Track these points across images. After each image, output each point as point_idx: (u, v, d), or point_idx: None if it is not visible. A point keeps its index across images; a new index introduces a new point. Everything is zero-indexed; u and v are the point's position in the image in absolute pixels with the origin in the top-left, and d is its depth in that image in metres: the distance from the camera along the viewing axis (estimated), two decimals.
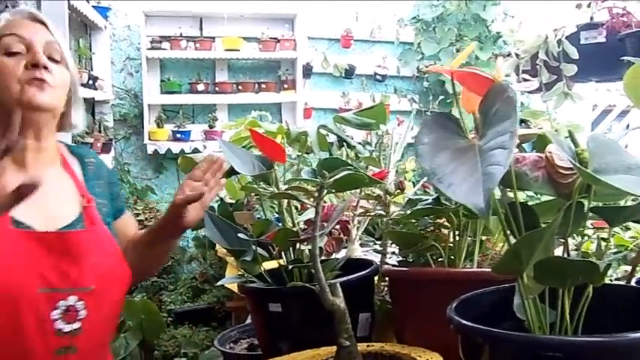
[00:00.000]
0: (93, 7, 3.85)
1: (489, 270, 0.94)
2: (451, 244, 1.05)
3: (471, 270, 0.99)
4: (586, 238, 1.23)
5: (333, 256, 1.14)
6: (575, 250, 1.28)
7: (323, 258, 1.08)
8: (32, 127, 1.13)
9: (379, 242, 1.53)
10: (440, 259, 1.07)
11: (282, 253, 1.07)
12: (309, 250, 1.04)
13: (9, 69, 1.12)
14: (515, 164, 0.77)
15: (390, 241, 1.39)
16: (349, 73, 4.65)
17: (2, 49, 1.13)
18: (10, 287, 1.01)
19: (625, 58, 0.78)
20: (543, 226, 0.75)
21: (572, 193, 0.71)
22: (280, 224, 1.12)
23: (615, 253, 1.40)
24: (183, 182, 1.15)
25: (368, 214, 1.49)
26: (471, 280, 0.92)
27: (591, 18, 1.49)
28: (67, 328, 1.06)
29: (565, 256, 0.79)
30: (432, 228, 1.11)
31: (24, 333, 1.02)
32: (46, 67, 1.12)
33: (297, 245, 1.04)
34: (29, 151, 1.14)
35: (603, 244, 0.84)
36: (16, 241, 1.05)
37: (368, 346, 0.97)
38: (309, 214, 1.12)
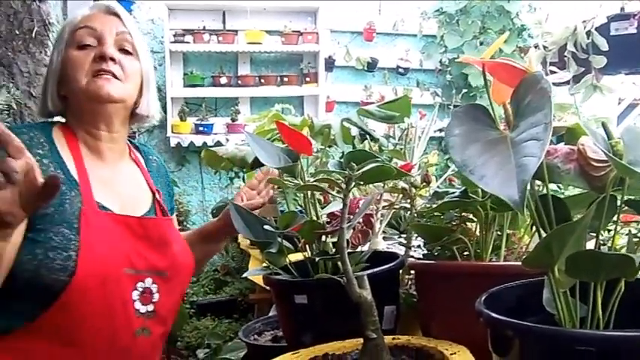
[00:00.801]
0: (117, 1, 3.88)
1: (517, 264, 0.93)
2: (477, 238, 1.05)
3: (498, 263, 0.98)
4: (612, 232, 1.22)
5: (359, 249, 1.14)
6: (603, 244, 1.27)
7: (349, 251, 1.07)
8: (103, 118, 1.17)
9: (403, 235, 1.52)
10: (466, 253, 1.06)
11: (308, 245, 1.07)
12: (334, 242, 1.04)
13: (78, 62, 1.14)
14: (547, 157, 0.76)
15: (414, 235, 1.38)
16: (371, 66, 4.63)
17: (75, 43, 1.16)
18: (102, 264, 1.05)
19: None
20: (574, 219, 0.74)
21: (606, 186, 0.69)
22: (305, 217, 1.12)
23: None
24: (241, 190, 1.36)
25: (392, 207, 1.49)
26: (499, 274, 0.91)
27: (622, 9, 1.46)
28: (143, 309, 1.11)
29: (597, 249, 0.78)
30: (458, 221, 1.11)
31: (112, 311, 1.07)
32: (113, 59, 1.14)
33: (323, 238, 1.04)
34: (103, 141, 1.18)
35: (635, 238, 0.83)
36: (105, 222, 1.09)
37: (394, 338, 0.96)
38: (333, 207, 1.12)
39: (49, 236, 1.04)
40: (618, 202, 0.72)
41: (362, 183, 0.88)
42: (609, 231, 1.08)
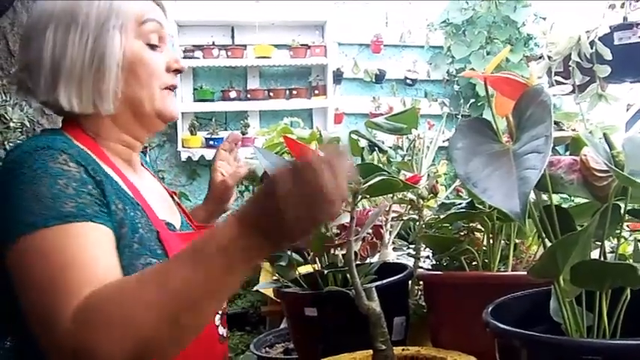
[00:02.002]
0: None
1: (524, 273, 0.94)
2: (485, 248, 1.05)
3: (506, 273, 0.99)
4: (622, 240, 1.22)
5: (368, 260, 1.16)
6: (612, 252, 1.27)
7: (358, 262, 1.09)
8: (153, 132, 1.04)
9: (412, 246, 1.53)
10: (474, 263, 1.07)
11: (317, 258, 1.09)
12: (343, 254, 1.06)
13: (155, 67, 0.97)
14: (550, 167, 0.77)
15: (423, 245, 1.39)
16: (379, 78, 4.66)
17: (143, 38, 0.96)
18: None
19: None
20: (579, 228, 0.75)
21: (609, 196, 0.70)
22: None
23: None
24: (215, 167, 1.31)
25: (401, 218, 1.50)
26: (506, 284, 0.92)
27: (625, 18, 1.47)
28: (224, 332, 1.06)
29: (602, 258, 0.78)
30: (465, 232, 1.12)
31: (203, 344, 0.95)
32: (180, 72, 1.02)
33: (332, 250, 1.05)
34: (135, 152, 1.03)
35: None
36: (178, 243, 0.95)
37: (403, 349, 0.97)
38: (342, 219, 1.14)
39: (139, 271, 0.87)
40: (622, 211, 0.73)
41: (368, 196, 0.90)
42: (618, 239, 1.08)
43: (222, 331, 1.04)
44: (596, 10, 1.56)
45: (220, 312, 1.04)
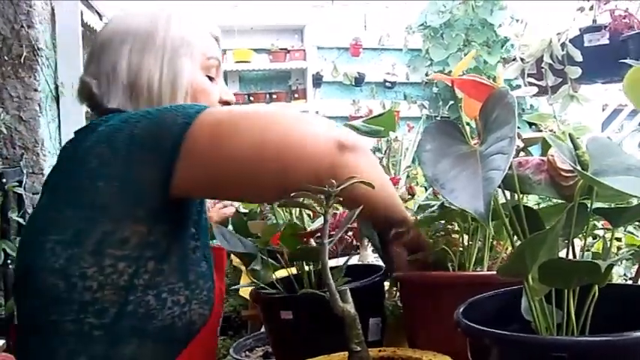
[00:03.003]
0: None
1: (494, 274, 0.95)
2: (461, 249, 1.07)
3: (479, 273, 1.00)
4: (597, 238, 1.24)
5: (335, 260, 1.16)
6: (587, 250, 1.29)
7: (332, 265, 1.09)
8: None
9: None
10: (451, 264, 1.09)
11: (292, 259, 1.09)
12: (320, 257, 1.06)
13: (211, 95, 1.06)
14: (518, 168, 0.78)
15: None
16: (359, 81, 4.69)
17: (205, 69, 1.06)
18: (219, 299, 1.01)
19: (625, 61, 0.79)
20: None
21: (574, 196, 0.72)
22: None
23: (629, 253, 1.40)
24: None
25: None
26: (480, 283, 0.92)
27: (594, 21, 1.50)
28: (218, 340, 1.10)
29: (570, 257, 0.80)
30: (442, 233, 1.13)
31: (214, 345, 1.05)
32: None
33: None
34: None
35: (610, 244, 0.85)
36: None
37: (380, 350, 0.98)
38: (322, 221, 1.14)
39: (199, 259, 0.95)
40: (588, 210, 0.75)
41: (342, 199, 0.90)
42: (585, 237, 1.10)
43: (218, 340, 1.09)
44: (567, 12, 1.58)
45: (219, 322, 1.07)
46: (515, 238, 0.76)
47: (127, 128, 0.86)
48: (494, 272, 1.01)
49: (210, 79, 1.07)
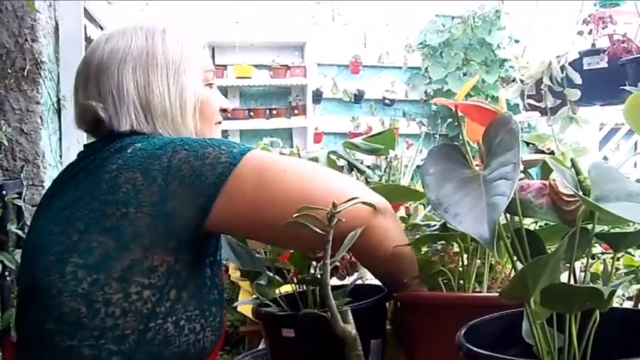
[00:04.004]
0: None
1: (496, 294, 0.95)
2: (461, 269, 1.07)
3: (480, 294, 1.00)
4: (596, 259, 1.25)
5: (347, 279, 1.17)
6: (584, 271, 1.30)
7: (334, 284, 1.09)
8: None
9: None
10: (448, 282, 1.09)
11: (296, 277, 1.09)
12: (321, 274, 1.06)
13: (214, 105, 1.08)
14: (520, 192, 0.79)
15: None
16: (358, 98, 4.71)
17: (205, 81, 1.08)
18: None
19: (625, 87, 0.80)
20: (548, 251, 0.77)
21: (576, 220, 0.73)
22: None
23: (627, 274, 1.41)
24: None
25: None
26: (481, 305, 0.93)
27: (593, 44, 1.52)
28: None
29: (572, 281, 0.80)
30: (442, 253, 1.13)
31: None
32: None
33: (312, 269, 1.06)
34: None
35: (610, 268, 0.86)
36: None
37: None
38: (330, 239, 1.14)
39: (214, 286, 0.95)
40: (590, 235, 0.75)
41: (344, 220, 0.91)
42: (587, 261, 1.10)
43: None
44: (566, 35, 1.60)
45: None
46: (517, 260, 0.77)
47: (163, 157, 0.85)
48: (495, 293, 1.02)
49: (210, 86, 1.09)
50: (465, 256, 1.06)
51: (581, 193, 0.70)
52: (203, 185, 0.83)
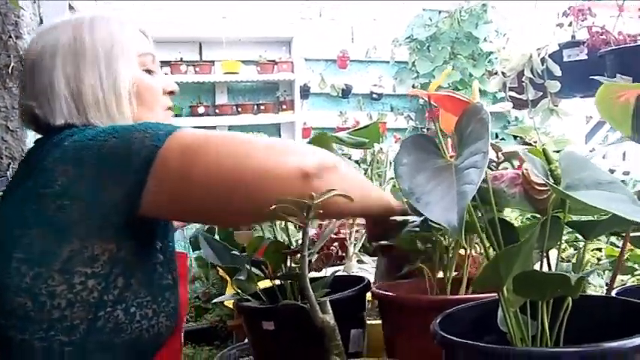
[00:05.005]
0: None
1: (474, 296, 0.96)
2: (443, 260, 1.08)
3: (454, 297, 1.01)
4: (581, 250, 1.26)
5: (323, 271, 1.17)
6: (567, 261, 1.31)
7: (313, 276, 1.10)
8: None
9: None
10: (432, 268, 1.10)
11: (276, 271, 1.10)
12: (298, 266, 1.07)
13: (156, 90, 1.06)
14: (494, 181, 0.80)
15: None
16: (346, 92, 4.71)
17: (142, 66, 1.06)
18: (183, 309, 1.01)
19: (595, 77, 0.81)
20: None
21: (548, 209, 0.74)
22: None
23: (611, 264, 1.42)
24: None
25: (361, 231, 1.53)
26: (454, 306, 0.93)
27: (573, 36, 1.53)
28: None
29: (545, 269, 0.81)
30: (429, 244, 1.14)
31: (179, 354, 1.03)
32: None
33: (289, 263, 1.06)
34: None
35: (583, 256, 0.87)
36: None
37: None
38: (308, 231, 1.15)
39: (165, 271, 0.95)
40: (561, 223, 0.76)
41: (322, 211, 0.91)
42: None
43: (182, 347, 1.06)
44: (548, 27, 1.62)
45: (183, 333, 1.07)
46: (492, 250, 0.78)
47: (94, 147, 0.85)
48: (470, 296, 1.02)
49: (149, 72, 1.07)
50: (446, 246, 1.08)
51: (552, 181, 0.71)
52: (131, 171, 0.83)
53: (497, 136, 4.09)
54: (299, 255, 1.02)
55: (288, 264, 1.06)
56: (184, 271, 1.10)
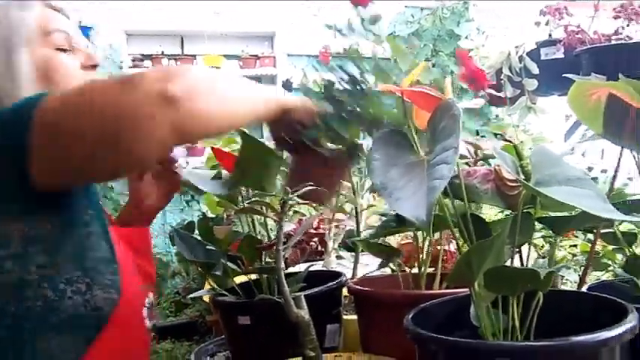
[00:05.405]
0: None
1: (448, 291, 0.97)
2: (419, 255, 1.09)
3: (430, 292, 1.01)
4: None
5: (297, 266, 1.17)
6: (544, 257, 1.33)
7: (289, 271, 1.10)
8: None
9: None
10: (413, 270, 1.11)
11: (252, 265, 1.10)
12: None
13: (68, 67, 1.02)
14: (467, 177, 0.81)
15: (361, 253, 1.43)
16: None
17: (52, 45, 1.02)
18: (132, 283, 0.97)
19: (567, 75, 0.82)
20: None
21: (519, 205, 0.74)
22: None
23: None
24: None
25: (339, 226, 1.53)
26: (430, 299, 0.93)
27: (550, 35, 1.55)
28: (149, 325, 1.03)
29: (518, 264, 0.82)
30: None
31: (140, 337, 0.99)
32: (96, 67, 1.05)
33: (264, 257, 1.06)
34: None
35: (553, 252, 0.88)
36: (114, 236, 0.99)
37: (336, 356, 0.99)
38: (286, 226, 1.15)
39: (96, 244, 0.93)
40: (532, 219, 0.77)
41: (298, 204, 0.92)
42: (528, 245, 1.12)
43: (148, 323, 1.02)
44: (526, 25, 1.63)
45: (148, 304, 1.02)
46: (464, 245, 0.79)
47: None
48: (444, 291, 1.02)
49: (65, 51, 1.03)
50: (422, 240, 1.08)
51: (522, 177, 0.71)
52: (12, 148, 0.82)
53: (477, 133, 4.11)
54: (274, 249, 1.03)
55: (264, 258, 1.06)
56: (145, 246, 1.08)
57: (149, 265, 1.07)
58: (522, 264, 0.85)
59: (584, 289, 0.96)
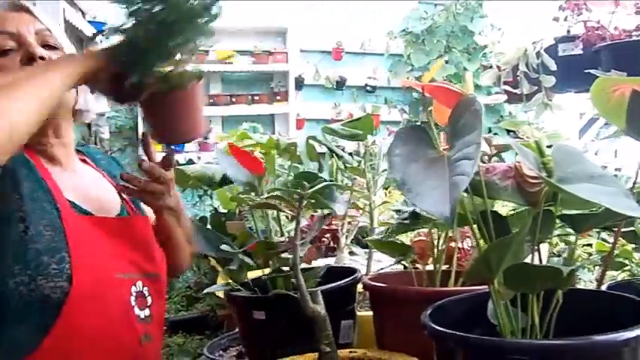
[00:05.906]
0: (89, 22, 3.88)
1: (460, 288, 0.96)
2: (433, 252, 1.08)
3: (443, 289, 1.01)
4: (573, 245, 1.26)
5: (313, 263, 1.17)
6: (558, 256, 1.31)
7: (305, 266, 1.10)
8: (49, 124, 1.03)
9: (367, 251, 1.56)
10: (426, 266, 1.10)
11: (267, 262, 1.10)
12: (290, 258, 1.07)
13: (5, 70, 1.02)
14: (486, 174, 0.80)
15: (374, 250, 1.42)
16: (340, 84, 4.70)
17: None
18: (94, 268, 0.98)
19: (590, 71, 0.81)
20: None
21: (539, 202, 0.73)
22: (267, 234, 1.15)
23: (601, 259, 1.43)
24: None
25: (353, 222, 1.53)
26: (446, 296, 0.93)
27: (568, 31, 1.53)
28: (142, 315, 1.03)
29: (536, 262, 0.81)
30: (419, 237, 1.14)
31: (113, 321, 0.99)
32: (43, 58, 1.04)
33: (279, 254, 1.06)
34: (55, 148, 1.07)
35: (574, 250, 0.87)
36: (86, 226, 1.01)
37: (351, 352, 0.99)
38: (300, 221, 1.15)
39: (36, 237, 0.95)
40: (553, 216, 0.76)
41: (314, 201, 0.91)
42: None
43: (138, 312, 1.02)
44: (544, 21, 1.61)
45: (135, 293, 1.03)
46: (483, 242, 0.78)
47: None
48: (459, 288, 1.02)
49: (6, 52, 1.03)
50: (437, 239, 1.08)
51: (544, 174, 0.71)
52: None
53: (490, 130, 4.09)
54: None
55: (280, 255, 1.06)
56: (141, 236, 1.08)
57: (143, 255, 1.06)
58: (541, 262, 0.84)
59: (603, 288, 0.95)
